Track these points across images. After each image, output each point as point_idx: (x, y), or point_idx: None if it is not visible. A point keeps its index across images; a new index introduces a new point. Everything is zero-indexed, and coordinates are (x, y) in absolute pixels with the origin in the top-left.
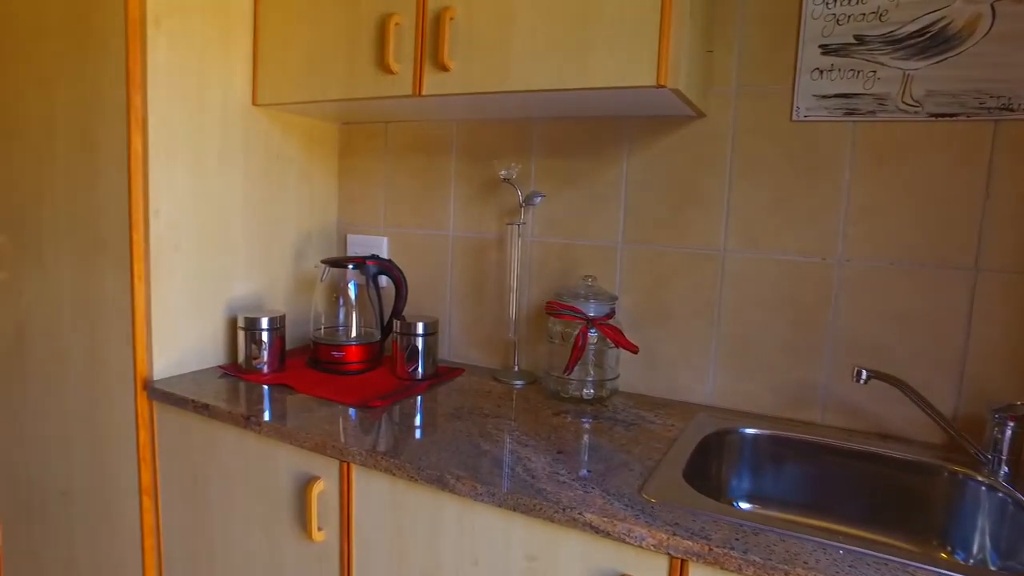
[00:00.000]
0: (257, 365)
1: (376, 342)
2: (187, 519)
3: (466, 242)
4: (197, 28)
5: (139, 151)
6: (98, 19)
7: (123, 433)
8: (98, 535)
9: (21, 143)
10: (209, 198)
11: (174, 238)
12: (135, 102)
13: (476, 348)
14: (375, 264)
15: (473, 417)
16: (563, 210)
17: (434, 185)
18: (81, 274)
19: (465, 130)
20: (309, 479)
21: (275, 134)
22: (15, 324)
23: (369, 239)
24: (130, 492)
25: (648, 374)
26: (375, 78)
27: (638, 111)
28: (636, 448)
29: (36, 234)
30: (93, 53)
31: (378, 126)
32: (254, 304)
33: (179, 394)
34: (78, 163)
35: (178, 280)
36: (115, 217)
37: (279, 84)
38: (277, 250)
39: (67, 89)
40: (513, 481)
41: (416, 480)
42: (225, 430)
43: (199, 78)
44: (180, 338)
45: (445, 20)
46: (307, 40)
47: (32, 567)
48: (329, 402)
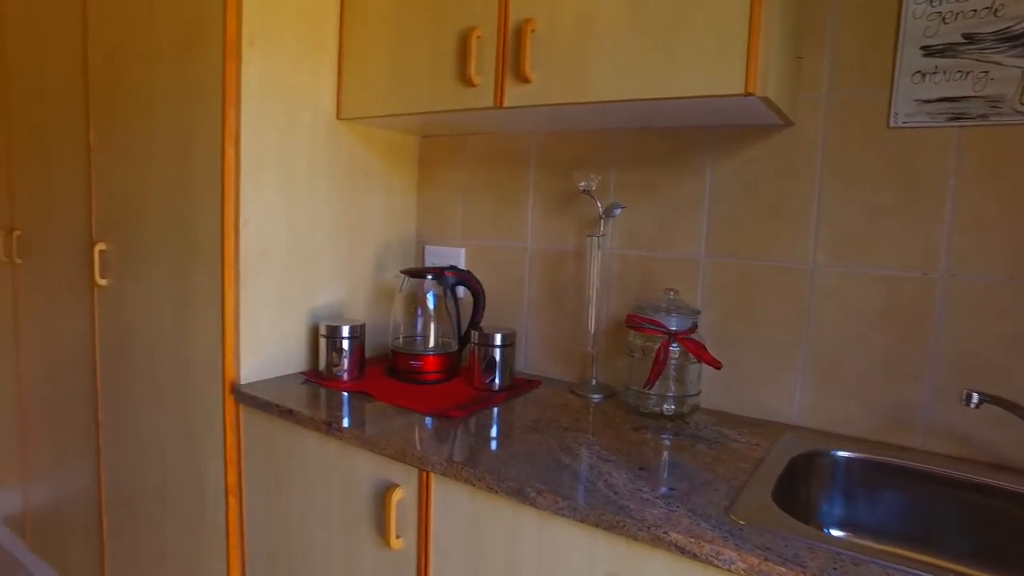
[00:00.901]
0: (337, 372)
1: (453, 352)
2: (269, 519)
3: (544, 254)
4: (287, 46)
5: (232, 164)
6: (199, 40)
7: (211, 434)
8: (188, 530)
9: (126, 157)
10: (295, 209)
11: (262, 247)
12: (230, 117)
13: (552, 360)
14: (454, 275)
15: (552, 430)
16: (643, 222)
17: (512, 197)
18: (177, 281)
19: (544, 141)
20: (388, 486)
21: (358, 147)
22: (119, 327)
23: (447, 250)
24: (217, 491)
25: (731, 391)
26: (456, 90)
27: (722, 120)
28: (720, 467)
29: (138, 242)
30: (192, 71)
31: (457, 138)
32: (335, 313)
33: (264, 398)
34: (176, 175)
35: (265, 288)
36: (208, 226)
37: (362, 98)
38: (358, 260)
39: (168, 106)
40: (595, 496)
41: (496, 492)
42: (307, 435)
43: (288, 94)
44: (266, 344)
45: (527, 32)
46: (389, 55)
47: (131, 556)
48: (408, 411)
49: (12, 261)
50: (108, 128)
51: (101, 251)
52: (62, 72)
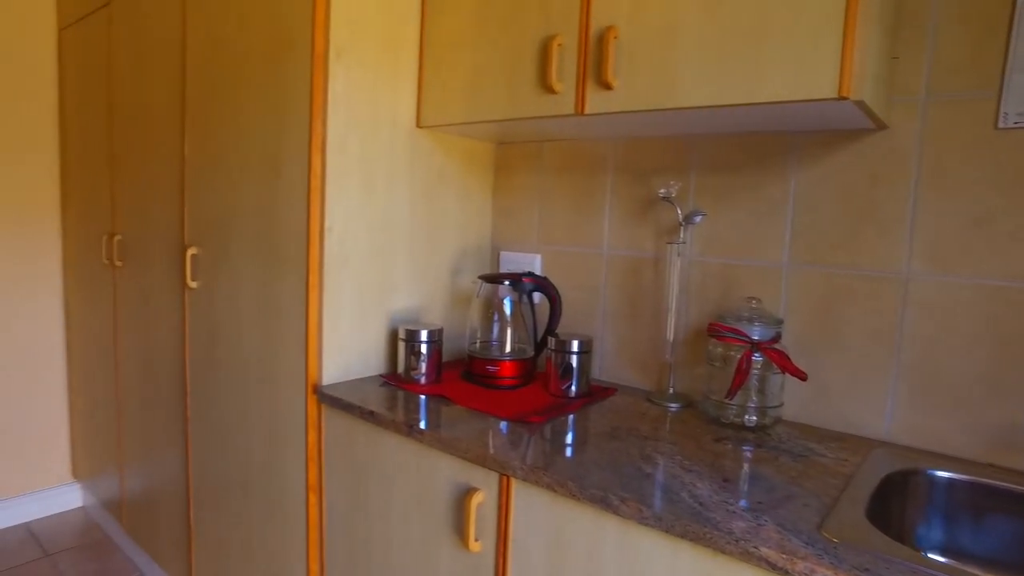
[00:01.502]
0: (416, 376)
1: (529, 358)
2: (348, 517)
3: (621, 261)
4: (371, 58)
5: (318, 172)
6: (288, 54)
7: (294, 433)
8: (270, 525)
9: (218, 167)
10: (375, 215)
11: (344, 253)
12: (316, 128)
13: (629, 368)
14: (531, 281)
15: (631, 438)
16: (724, 229)
17: (589, 203)
18: (263, 284)
19: (623, 148)
20: (468, 489)
21: (436, 154)
22: (209, 327)
23: (522, 256)
24: (298, 488)
25: (815, 403)
26: (537, 98)
27: (810, 125)
28: (808, 482)
29: (227, 247)
30: (282, 84)
31: (534, 145)
32: (412, 317)
33: (346, 400)
34: (264, 184)
35: (346, 292)
36: (294, 233)
37: (442, 107)
38: (435, 266)
39: (258, 118)
40: (679, 507)
41: (578, 498)
42: (388, 436)
43: (371, 104)
44: (346, 347)
45: (609, 39)
46: (469, 64)
47: (216, 545)
48: (486, 415)
49: (113, 264)
50: (202, 139)
51: (192, 255)
52: (162, 88)
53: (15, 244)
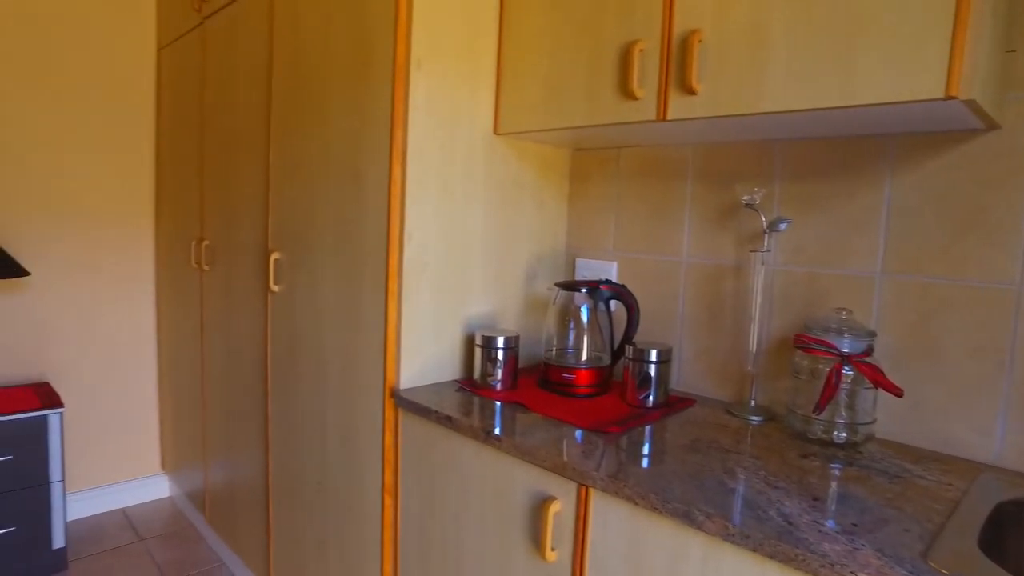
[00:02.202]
0: (491, 382)
1: (606, 367)
2: (423, 521)
3: (700, 269)
4: (450, 66)
5: (398, 180)
6: (370, 65)
7: (371, 435)
8: (345, 524)
9: (302, 174)
10: (453, 222)
11: (423, 259)
12: (397, 136)
13: (707, 379)
14: (608, 288)
15: (712, 451)
16: (810, 237)
17: (667, 210)
18: (343, 288)
19: (703, 153)
20: (545, 498)
21: (512, 161)
22: (289, 329)
23: (598, 263)
24: (374, 490)
25: (911, 421)
26: (617, 104)
27: (910, 127)
28: (907, 505)
29: (308, 252)
30: (363, 93)
31: (610, 151)
32: (488, 323)
33: (423, 404)
34: (346, 191)
35: (424, 297)
36: (374, 239)
37: (519, 114)
38: (510, 272)
39: (339, 127)
40: (768, 525)
41: (660, 512)
42: (465, 442)
43: (449, 111)
44: (423, 351)
45: (693, 43)
46: (547, 70)
47: (293, 540)
48: (562, 423)
49: (200, 267)
50: (285, 149)
51: (275, 260)
52: (249, 101)
53: (115, 249)
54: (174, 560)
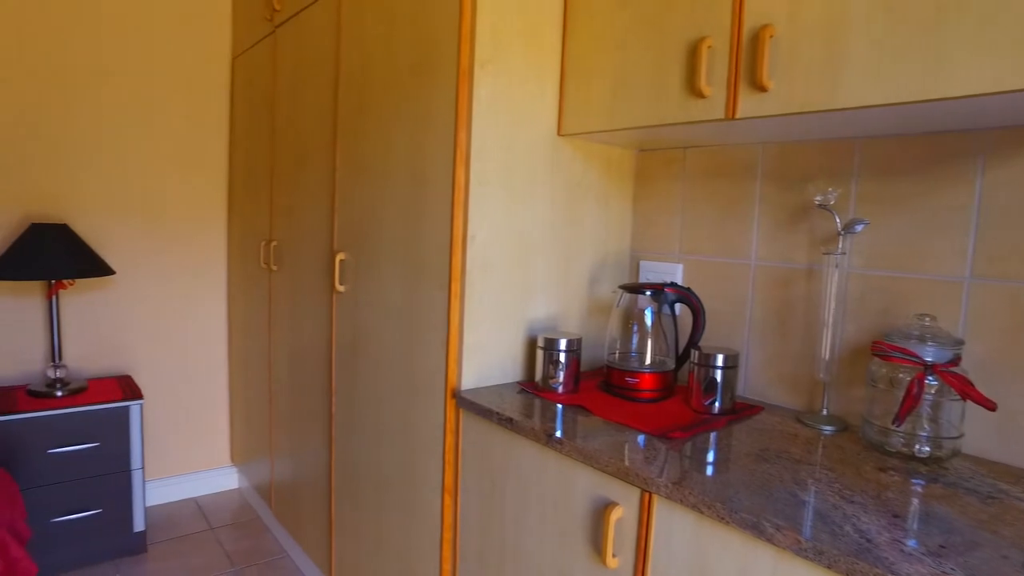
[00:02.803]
0: (553, 385)
1: (670, 371)
2: (482, 521)
3: (769, 272)
4: (514, 68)
5: (462, 182)
6: (434, 66)
7: (431, 435)
8: (406, 521)
9: (367, 176)
10: (516, 224)
11: (485, 260)
12: (461, 138)
13: (776, 385)
14: (673, 292)
15: (782, 461)
16: (889, 239)
17: (735, 211)
18: (406, 289)
19: (773, 152)
20: (607, 504)
21: (576, 162)
22: (354, 329)
23: (663, 266)
24: (434, 489)
25: (1005, 437)
26: (684, 103)
27: (1001, 121)
28: (1005, 529)
29: (372, 253)
30: (427, 96)
31: (676, 151)
32: (550, 325)
33: (485, 405)
34: (410, 193)
35: (487, 299)
36: (437, 241)
37: (583, 114)
38: (573, 274)
39: (403, 129)
40: (844, 541)
41: (727, 522)
42: (526, 444)
43: (513, 113)
44: (485, 352)
45: (764, 38)
46: (612, 70)
47: (355, 535)
48: (625, 428)
49: (269, 268)
50: (351, 151)
51: (341, 260)
52: (317, 106)
53: (191, 250)
54: (242, 549)
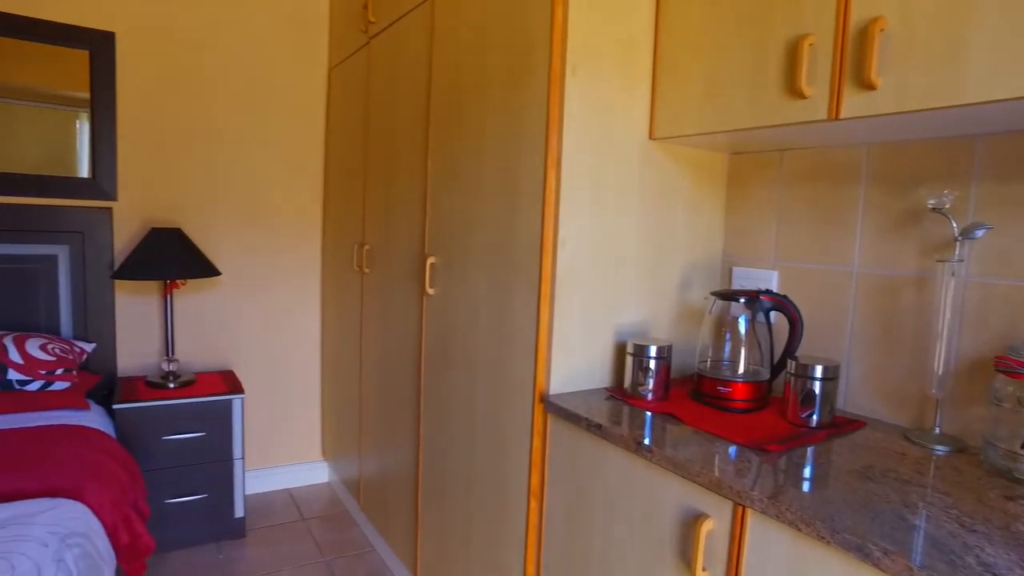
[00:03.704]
0: (642, 392)
1: (764, 381)
2: (568, 527)
3: (874, 280)
4: (605, 72)
5: (553, 187)
6: (525, 72)
7: (519, 438)
8: (491, 522)
9: (456, 182)
10: (606, 228)
11: (575, 265)
12: (552, 143)
13: (880, 400)
14: (768, 299)
15: (888, 481)
16: (1015, 245)
17: (836, 216)
18: (495, 293)
19: (879, 153)
20: (697, 515)
21: (667, 166)
22: (443, 331)
23: (757, 272)
24: (519, 492)
25: None
26: (781, 104)
27: None
28: None
29: (462, 257)
30: (518, 101)
31: (772, 154)
32: (639, 331)
33: (573, 410)
34: (500, 198)
35: (576, 304)
36: (527, 245)
37: (676, 118)
38: (663, 280)
39: (494, 135)
40: (965, 573)
41: (827, 542)
42: (614, 451)
43: (604, 117)
44: (574, 357)
45: (873, 33)
46: (706, 72)
47: (439, 533)
48: (716, 438)
49: (361, 270)
50: (442, 157)
51: (431, 264)
52: (409, 113)
53: (288, 252)
54: (331, 541)
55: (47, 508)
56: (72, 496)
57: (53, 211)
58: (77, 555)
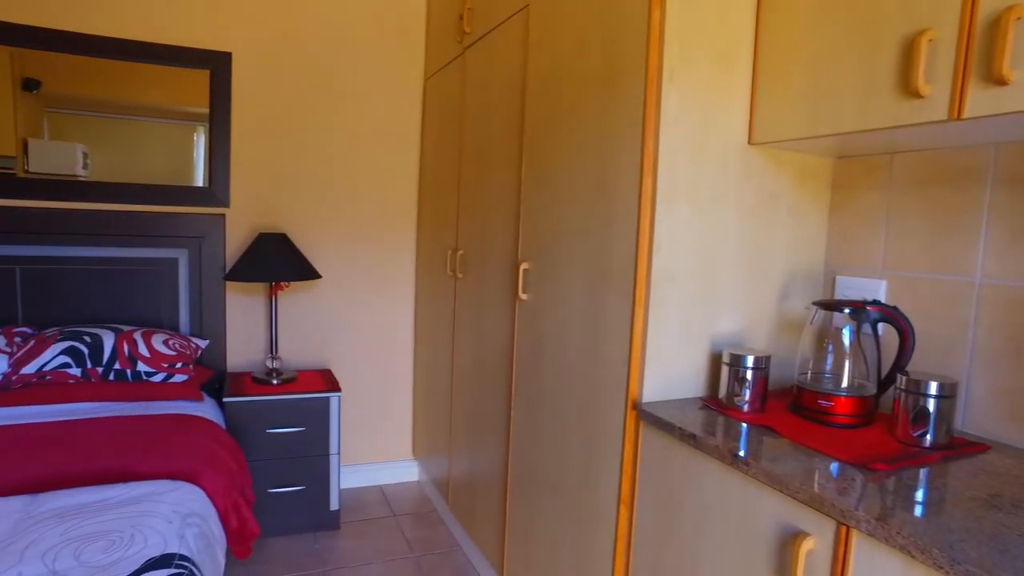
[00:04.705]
0: (738, 403)
1: (870, 396)
2: (658, 536)
3: (1002, 292)
4: (702, 75)
5: (649, 193)
6: (621, 78)
7: (610, 445)
8: (579, 528)
9: (551, 187)
10: (702, 235)
11: (670, 272)
12: (648, 149)
13: (1008, 423)
14: (876, 310)
15: (1021, 513)
16: None
17: (956, 223)
18: (588, 299)
19: (1007, 154)
20: (796, 533)
21: (767, 172)
22: (535, 336)
23: (863, 282)
24: (609, 499)
25: None
26: (894, 105)
27: None
28: None
29: (555, 263)
30: (613, 107)
31: (882, 157)
32: (735, 341)
33: (666, 419)
34: (595, 204)
35: (671, 312)
36: (622, 251)
37: (777, 122)
38: (760, 288)
39: (589, 141)
40: None
41: (946, 572)
42: (708, 462)
43: (701, 123)
44: (668, 365)
45: (1007, 22)
46: (812, 73)
47: (527, 537)
48: (816, 453)
49: (455, 275)
50: (536, 163)
51: (524, 269)
52: (503, 120)
53: (384, 257)
54: (420, 538)
55: (170, 489)
56: (190, 480)
57: (176, 218)
58: (195, 534)
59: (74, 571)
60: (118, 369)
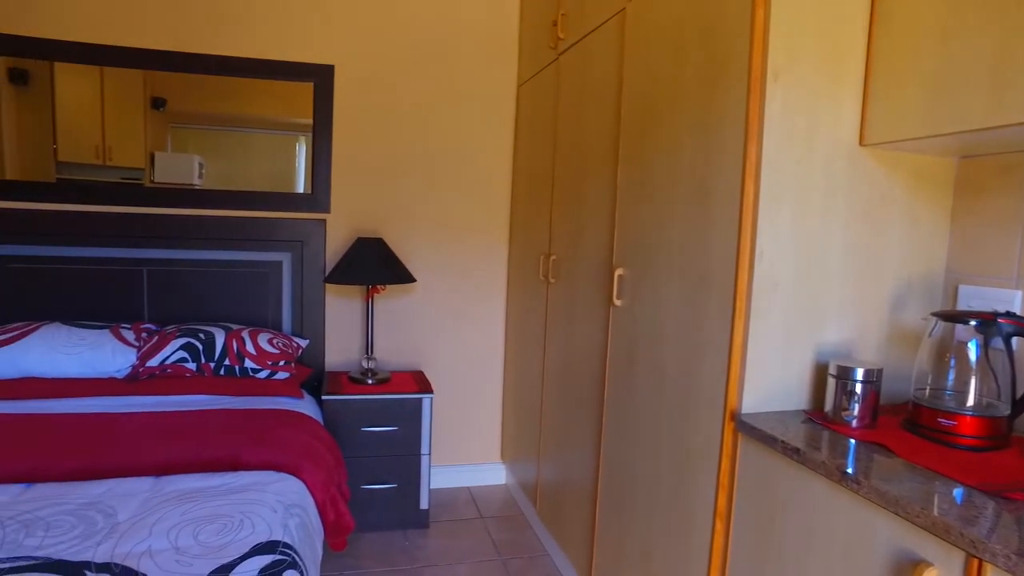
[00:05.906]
0: (846, 417)
1: (1002, 417)
2: (756, 553)
3: None
4: (809, 76)
5: (751, 197)
6: (722, 79)
7: (706, 457)
8: (672, 540)
9: (648, 192)
10: (807, 240)
11: (773, 279)
12: (751, 152)
13: None
14: (1010, 323)
15: None
16: None
17: None
18: (685, 306)
19: None
20: (916, 562)
21: (880, 174)
22: (629, 343)
23: (992, 292)
24: (704, 512)
25: None
26: None
27: None
28: None
29: (652, 269)
30: (714, 109)
31: (1015, 156)
32: (842, 351)
33: (767, 431)
34: (693, 209)
35: (773, 319)
36: (722, 257)
37: (894, 120)
38: (871, 296)
39: (687, 145)
40: None
41: None
42: (812, 478)
43: (807, 124)
44: (769, 376)
45: None
46: (932, 67)
47: (617, 546)
48: (938, 476)
49: (547, 280)
50: (632, 168)
51: (619, 275)
52: (598, 124)
53: (477, 261)
54: (507, 541)
55: (274, 480)
56: (292, 472)
57: (281, 223)
58: (297, 524)
59: (193, 548)
60: (228, 365)
